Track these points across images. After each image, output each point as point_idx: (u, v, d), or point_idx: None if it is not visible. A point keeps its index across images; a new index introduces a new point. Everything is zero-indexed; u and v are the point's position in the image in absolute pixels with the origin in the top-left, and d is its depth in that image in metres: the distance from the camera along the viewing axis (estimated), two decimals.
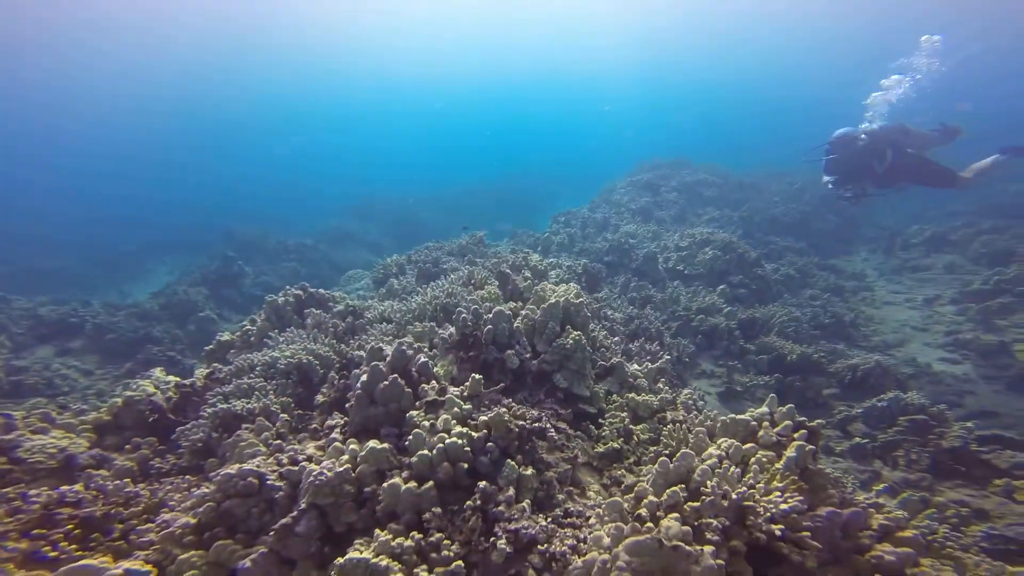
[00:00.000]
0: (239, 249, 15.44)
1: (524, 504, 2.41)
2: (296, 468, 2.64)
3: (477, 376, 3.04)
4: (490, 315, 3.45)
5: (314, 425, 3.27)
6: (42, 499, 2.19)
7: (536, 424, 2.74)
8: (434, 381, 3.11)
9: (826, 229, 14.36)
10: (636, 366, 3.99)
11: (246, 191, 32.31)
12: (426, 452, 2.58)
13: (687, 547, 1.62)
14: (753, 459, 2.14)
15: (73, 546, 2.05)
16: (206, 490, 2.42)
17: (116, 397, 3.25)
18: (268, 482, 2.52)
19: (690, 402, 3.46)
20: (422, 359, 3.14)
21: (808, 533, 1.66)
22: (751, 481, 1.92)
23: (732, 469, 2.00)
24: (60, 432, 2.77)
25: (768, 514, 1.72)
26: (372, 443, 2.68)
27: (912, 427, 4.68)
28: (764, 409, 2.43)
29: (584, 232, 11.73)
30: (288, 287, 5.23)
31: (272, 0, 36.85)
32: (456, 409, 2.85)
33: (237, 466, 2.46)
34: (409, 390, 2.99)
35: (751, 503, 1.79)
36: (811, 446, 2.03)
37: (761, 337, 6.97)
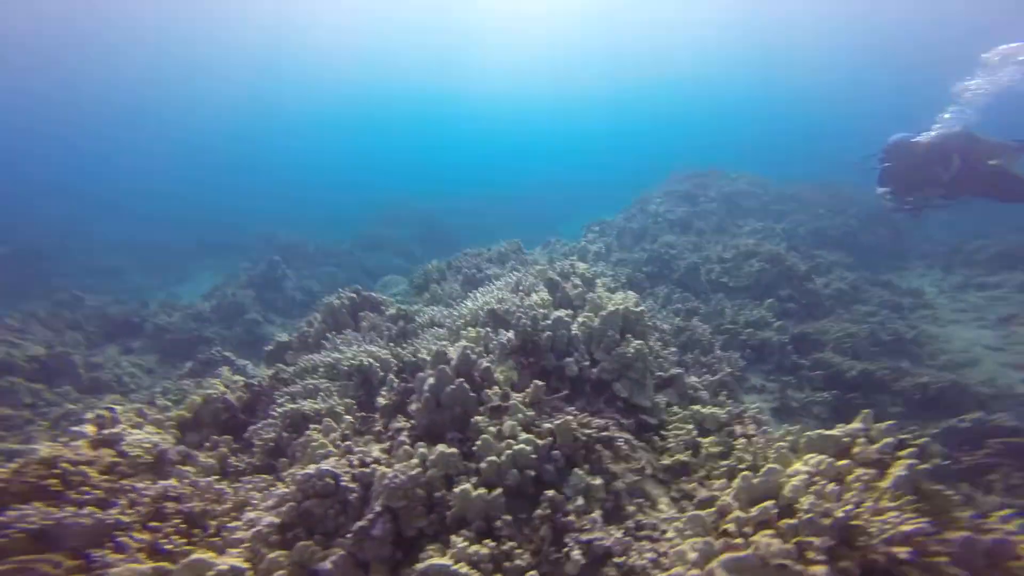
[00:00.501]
0: (279, 253, 16.02)
1: (596, 514, 2.36)
2: (368, 470, 2.68)
3: (539, 383, 3.03)
4: (549, 321, 3.43)
5: (377, 427, 3.32)
6: (150, 493, 2.31)
7: (604, 433, 2.70)
8: (496, 386, 3.11)
9: (876, 243, 13.72)
10: (695, 378, 3.88)
11: (283, 198, 33.51)
12: (495, 458, 2.58)
13: (795, 565, 1.53)
14: (851, 477, 2.03)
15: (182, 540, 2.14)
16: (285, 490, 2.48)
17: (194, 395, 3.40)
18: (342, 483, 2.57)
19: (760, 416, 3.33)
20: (485, 364, 3.16)
21: (946, 558, 1.55)
22: (855, 499, 1.82)
23: (830, 486, 1.90)
24: (152, 428, 2.93)
25: (885, 535, 1.61)
26: (441, 447, 2.69)
27: (1007, 450, 4.35)
28: (857, 425, 2.30)
29: (620, 242, 11.61)
30: (340, 290, 5.38)
31: (308, 8, 38.30)
32: (520, 415, 2.83)
33: (315, 466, 2.52)
34: (474, 394, 3.00)
35: (860, 523, 1.69)
36: (923, 464, 1.91)
37: (815, 353, 6.68)
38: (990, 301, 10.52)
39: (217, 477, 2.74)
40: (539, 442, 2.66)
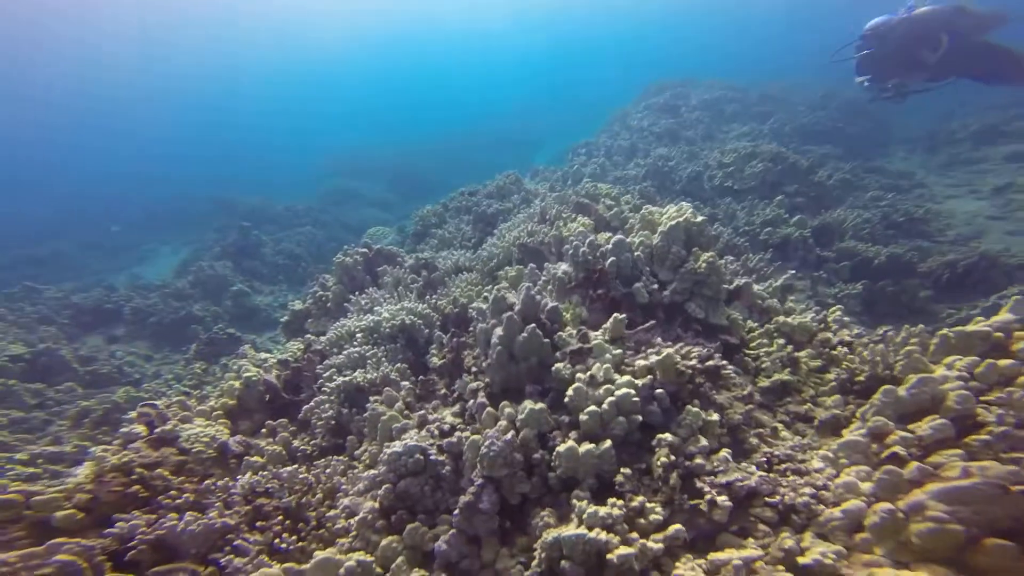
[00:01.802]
0: (245, 219, 14.80)
1: (724, 453, 2.14)
2: (454, 439, 2.39)
3: (620, 316, 2.70)
4: (609, 246, 3.04)
5: (440, 390, 3.01)
6: (239, 491, 2.02)
7: (709, 363, 2.43)
8: (569, 327, 2.78)
9: (859, 134, 13.48)
10: (757, 286, 3.62)
11: (228, 160, 30.82)
12: (595, 408, 2.30)
13: None
14: None
15: (293, 537, 1.90)
16: (374, 472, 2.19)
17: (229, 380, 2.99)
18: (432, 457, 2.28)
19: (845, 319, 3.13)
20: (550, 304, 2.79)
21: None
22: None
23: (1017, 393, 1.68)
24: (202, 420, 2.59)
25: None
26: (528, 404, 2.40)
27: None
28: (1008, 316, 2.06)
29: (612, 161, 11.01)
30: (347, 247, 4.83)
31: None
32: (608, 356, 2.53)
33: (401, 443, 2.22)
34: (547, 340, 2.67)
35: None
36: None
37: (837, 243, 6.55)
38: (979, 174, 10.54)
39: (295, 466, 2.44)
40: (638, 382, 2.38)
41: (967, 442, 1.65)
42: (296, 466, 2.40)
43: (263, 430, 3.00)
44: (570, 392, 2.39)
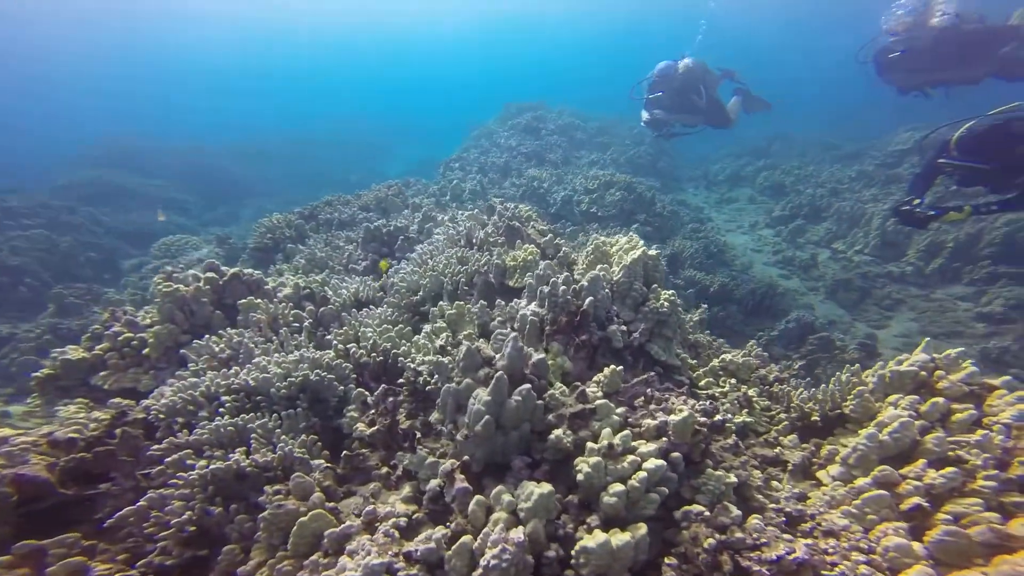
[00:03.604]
0: None
1: (756, 521, 1.97)
2: (432, 545, 1.67)
3: (616, 367, 2.35)
4: (585, 283, 2.69)
5: (377, 467, 2.15)
6: None
7: (716, 418, 2.26)
8: (558, 384, 2.30)
9: (665, 169, 16.24)
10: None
11: None
12: (621, 487, 1.89)
13: None
14: (959, 416, 2.09)
15: None
16: None
17: None
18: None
19: (765, 354, 3.41)
20: (535, 356, 2.27)
21: None
22: (1008, 444, 1.86)
23: (997, 438, 1.91)
24: None
25: None
26: (534, 488, 1.85)
27: (820, 344, 5.65)
28: (923, 356, 2.39)
29: (489, 178, 10.84)
30: (172, 267, 3.35)
31: None
32: (615, 418, 2.15)
33: (357, 565, 1.41)
34: (540, 402, 2.14)
35: None
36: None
37: (680, 271, 7.57)
38: (738, 212, 13.64)
39: None
40: (654, 447, 2.06)
41: (978, 490, 1.81)
42: None
43: (5, 558, 1.70)
44: (586, 467, 1.93)
